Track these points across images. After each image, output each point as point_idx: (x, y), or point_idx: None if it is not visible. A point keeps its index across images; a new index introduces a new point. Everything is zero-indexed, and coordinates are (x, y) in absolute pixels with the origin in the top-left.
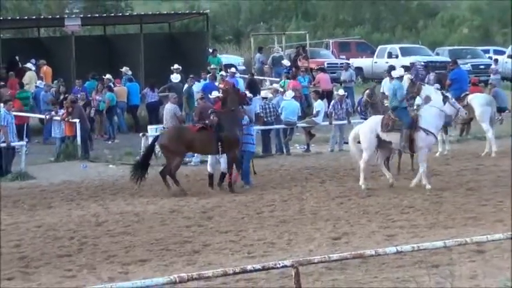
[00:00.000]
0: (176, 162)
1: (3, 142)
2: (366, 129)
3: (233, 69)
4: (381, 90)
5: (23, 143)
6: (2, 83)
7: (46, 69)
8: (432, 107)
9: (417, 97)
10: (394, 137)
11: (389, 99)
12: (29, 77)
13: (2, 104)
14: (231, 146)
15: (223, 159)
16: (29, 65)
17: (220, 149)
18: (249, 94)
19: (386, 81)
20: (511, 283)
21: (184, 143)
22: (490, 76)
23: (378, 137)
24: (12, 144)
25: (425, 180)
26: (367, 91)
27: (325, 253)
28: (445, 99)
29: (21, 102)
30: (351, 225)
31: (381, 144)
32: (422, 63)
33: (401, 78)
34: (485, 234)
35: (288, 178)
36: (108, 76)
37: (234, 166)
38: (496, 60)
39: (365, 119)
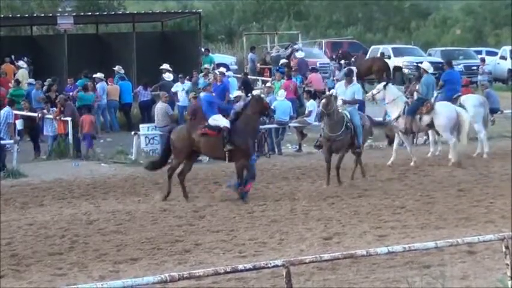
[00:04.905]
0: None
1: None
2: None
3: (222, 69)
4: (334, 94)
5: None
6: None
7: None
8: None
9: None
10: None
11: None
12: (22, 75)
13: None
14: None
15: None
16: (21, 63)
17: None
18: (241, 93)
19: (341, 85)
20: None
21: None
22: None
23: None
24: (3, 142)
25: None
26: (323, 100)
27: (316, 253)
28: None
29: (16, 100)
30: (342, 225)
31: None
32: (415, 64)
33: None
34: (477, 235)
35: (280, 178)
36: (98, 75)
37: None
38: (483, 60)
39: None
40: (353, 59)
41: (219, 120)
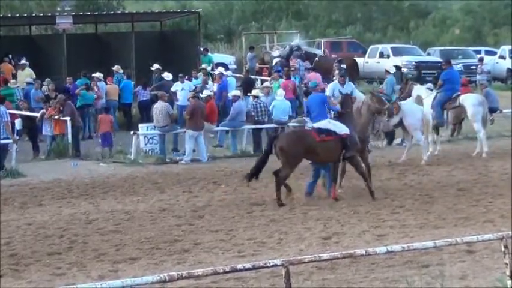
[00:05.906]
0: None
1: (4, 139)
2: None
3: (220, 69)
4: (328, 93)
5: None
6: None
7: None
8: None
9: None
10: None
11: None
12: (26, 74)
13: None
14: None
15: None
16: (23, 62)
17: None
18: (239, 93)
19: (336, 84)
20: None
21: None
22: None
23: None
24: (3, 141)
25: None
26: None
27: (315, 252)
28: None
29: (7, 99)
30: (341, 224)
31: None
32: (414, 63)
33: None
34: (475, 235)
35: None
36: (97, 74)
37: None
38: (482, 60)
39: None
40: (316, 59)
41: (337, 125)
